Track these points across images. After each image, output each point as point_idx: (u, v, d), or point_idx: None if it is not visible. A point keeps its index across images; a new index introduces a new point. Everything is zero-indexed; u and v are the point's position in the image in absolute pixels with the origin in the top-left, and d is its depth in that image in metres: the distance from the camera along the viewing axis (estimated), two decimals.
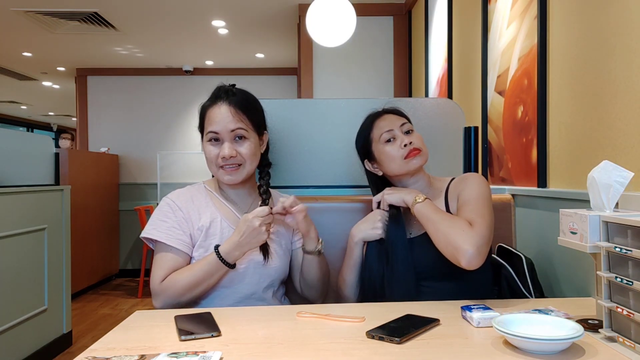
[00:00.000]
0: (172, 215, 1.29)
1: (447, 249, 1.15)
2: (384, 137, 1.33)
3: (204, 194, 1.36)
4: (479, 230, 1.14)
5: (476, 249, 1.10)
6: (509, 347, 0.87)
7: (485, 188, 1.26)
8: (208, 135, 1.28)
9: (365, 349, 0.89)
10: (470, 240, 1.11)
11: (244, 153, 1.28)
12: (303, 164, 1.69)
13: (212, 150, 1.28)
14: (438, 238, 1.17)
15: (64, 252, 3.11)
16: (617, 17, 1.24)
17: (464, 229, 1.14)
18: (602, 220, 0.94)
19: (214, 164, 1.29)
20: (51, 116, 10.71)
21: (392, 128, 1.33)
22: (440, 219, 1.19)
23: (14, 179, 2.72)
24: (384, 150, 1.33)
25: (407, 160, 1.30)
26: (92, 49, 5.28)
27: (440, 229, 1.17)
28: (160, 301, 1.22)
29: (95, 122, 6.06)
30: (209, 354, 0.84)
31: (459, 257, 1.11)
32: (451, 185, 1.34)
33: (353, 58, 3.93)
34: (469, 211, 1.20)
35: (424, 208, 1.22)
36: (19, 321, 2.63)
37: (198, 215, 1.30)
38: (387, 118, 1.36)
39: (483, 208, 1.21)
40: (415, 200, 1.24)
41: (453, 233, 1.14)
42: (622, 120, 1.22)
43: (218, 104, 1.28)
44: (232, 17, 4.29)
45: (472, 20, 2.41)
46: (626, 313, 0.86)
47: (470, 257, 1.10)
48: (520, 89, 1.84)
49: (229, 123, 1.26)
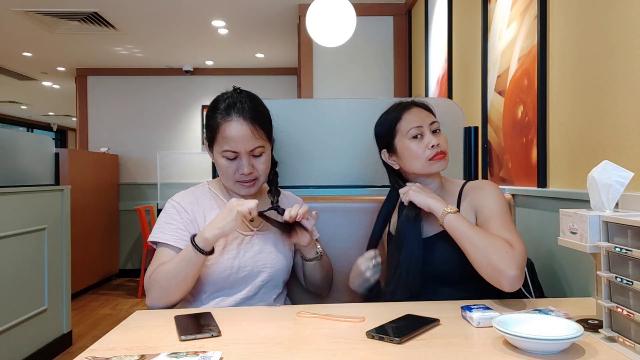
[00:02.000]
0: (177, 217, 1.28)
1: (487, 270, 1.10)
2: (412, 133, 1.27)
3: (208, 196, 1.35)
4: (520, 251, 1.10)
5: (520, 272, 1.07)
6: (509, 347, 0.87)
7: (505, 200, 1.24)
8: (224, 153, 1.24)
9: (365, 349, 0.88)
10: (514, 263, 1.07)
11: (261, 169, 1.27)
12: (303, 164, 1.69)
13: (229, 166, 1.25)
14: (476, 257, 1.12)
15: (64, 252, 3.11)
16: (617, 17, 1.24)
17: (507, 250, 1.09)
18: (602, 220, 0.94)
19: (231, 178, 1.27)
20: (51, 116, 10.71)
21: (422, 125, 1.27)
22: (477, 236, 1.13)
23: (14, 179, 2.72)
24: (409, 146, 1.28)
25: (431, 162, 1.26)
26: (92, 49, 5.28)
27: (480, 247, 1.11)
28: (150, 295, 1.19)
29: (95, 122, 6.06)
30: (209, 354, 0.84)
31: (502, 280, 1.07)
32: (464, 191, 1.30)
33: (353, 58, 3.93)
34: (500, 228, 1.16)
35: (457, 222, 1.16)
36: (19, 321, 2.63)
37: (203, 217, 1.30)
38: (416, 112, 1.30)
39: (512, 224, 1.18)
40: (447, 211, 1.17)
41: (495, 254, 1.09)
42: (622, 120, 1.22)
43: (233, 119, 1.23)
44: (232, 17, 4.29)
45: (472, 20, 2.41)
46: (626, 313, 0.86)
47: (514, 281, 1.06)
48: (520, 89, 1.84)
49: (248, 142, 1.22)
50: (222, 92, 1.31)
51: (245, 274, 1.27)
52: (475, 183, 1.31)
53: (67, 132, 12.69)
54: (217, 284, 1.26)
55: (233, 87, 1.31)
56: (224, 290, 1.27)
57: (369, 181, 1.67)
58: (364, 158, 1.66)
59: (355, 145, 1.68)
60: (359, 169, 1.68)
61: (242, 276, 1.27)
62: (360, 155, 1.67)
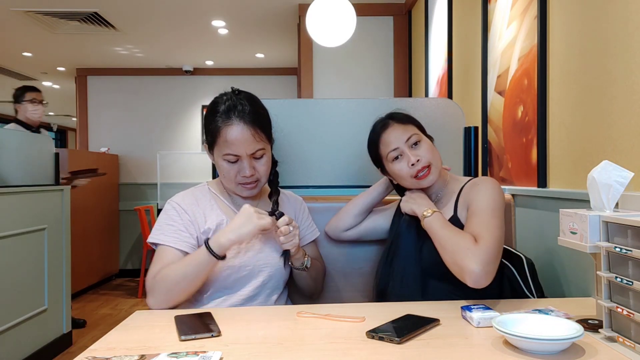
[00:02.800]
0: (178, 219, 1.28)
1: (453, 268, 1.12)
2: (391, 156, 1.29)
3: (208, 197, 1.35)
4: (485, 247, 1.10)
5: (482, 268, 1.07)
6: (509, 347, 0.87)
7: (497, 196, 1.23)
8: (226, 157, 1.24)
9: (365, 349, 0.89)
10: (476, 259, 1.07)
11: (262, 170, 1.28)
12: (303, 164, 1.69)
13: (230, 168, 1.26)
14: (445, 255, 1.15)
15: (64, 252, 3.11)
16: (617, 17, 1.24)
17: (469, 247, 1.10)
18: (602, 220, 0.94)
19: (233, 181, 1.27)
20: (51, 116, 10.71)
21: (398, 145, 1.28)
22: (446, 235, 1.16)
23: (14, 179, 2.72)
24: (392, 168, 1.31)
25: (417, 181, 1.28)
26: (92, 49, 5.28)
27: (447, 246, 1.14)
28: (153, 296, 1.19)
29: (95, 122, 6.06)
30: (209, 354, 0.84)
31: (465, 277, 1.08)
32: (464, 189, 1.31)
33: (353, 58, 3.93)
34: (476, 224, 1.17)
35: (430, 224, 1.21)
36: (19, 321, 2.63)
37: (204, 218, 1.30)
38: (392, 131, 1.31)
39: (492, 220, 1.17)
40: (424, 215, 1.22)
41: (458, 252, 1.11)
42: (622, 120, 1.22)
43: (234, 122, 1.22)
44: (232, 17, 4.29)
45: (472, 20, 2.41)
46: (626, 313, 0.86)
47: (477, 277, 1.07)
48: (520, 89, 1.84)
49: (249, 146, 1.23)
50: (221, 94, 1.30)
51: (246, 273, 1.27)
52: (474, 180, 1.33)
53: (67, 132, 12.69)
54: (219, 283, 1.26)
55: (231, 89, 1.30)
56: (225, 290, 1.27)
57: (368, 181, 1.67)
58: (364, 158, 1.65)
59: (355, 145, 1.67)
60: (359, 169, 1.68)
61: (243, 275, 1.27)
62: (360, 155, 1.66)
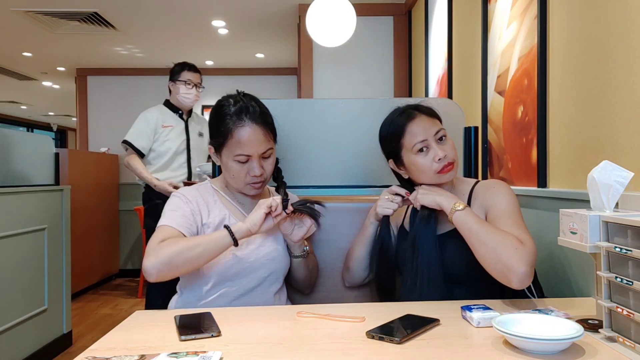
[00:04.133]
0: (183, 205, 1.30)
1: (495, 266, 1.08)
2: (417, 147, 1.25)
3: (211, 192, 1.38)
4: (531, 248, 1.09)
5: (530, 268, 1.06)
6: (509, 347, 0.87)
7: (515, 199, 1.23)
8: (237, 157, 1.27)
9: (365, 349, 0.89)
10: (525, 259, 1.05)
11: (269, 170, 1.32)
12: (303, 164, 1.69)
13: (240, 169, 1.29)
14: (485, 253, 1.10)
15: (64, 252, 3.11)
16: (617, 17, 1.24)
17: (516, 246, 1.07)
18: (602, 220, 0.94)
19: (242, 181, 1.30)
20: (51, 116, 10.72)
21: (426, 137, 1.25)
22: (486, 232, 1.11)
23: (14, 179, 2.72)
24: (415, 161, 1.26)
25: (439, 175, 1.25)
26: (92, 49, 5.28)
27: (489, 244, 1.10)
28: (155, 257, 1.15)
29: (95, 122, 6.06)
30: (209, 354, 0.84)
31: (511, 276, 1.05)
32: (475, 191, 1.29)
33: (353, 58, 3.93)
34: (510, 225, 1.15)
35: (465, 218, 1.15)
36: (19, 321, 2.62)
37: (207, 211, 1.33)
38: (420, 122, 1.27)
39: (522, 222, 1.17)
40: (455, 208, 1.17)
41: (504, 250, 1.07)
42: (622, 120, 1.22)
43: (246, 123, 1.26)
44: (232, 17, 4.29)
45: (472, 20, 2.41)
46: (626, 313, 0.86)
47: (524, 277, 1.05)
48: (520, 89, 1.84)
49: (260, 146, 1.27)
50: (225, 96, 1.33)
51: (248, 265, 1.29)
52: (486, 182, 1.31)
53: (67, 132, 12.69)
54: (220, 275, 1.28)
55: (237, 91, 1.34)
56: (226, 282, 1.28)
57: (369, 181, 1.67)
58: (364, 158, 1.66)
59: (355, 145, 1.68)
60: (358, 169, 1.68)
61: (245, 267, 1.29)
62: (360, 155, 1.67)
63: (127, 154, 3.15)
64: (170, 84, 3.22)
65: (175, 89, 3.17)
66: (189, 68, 3.19)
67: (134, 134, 3.13)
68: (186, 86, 3.14)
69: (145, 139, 3.12)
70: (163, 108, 3.23)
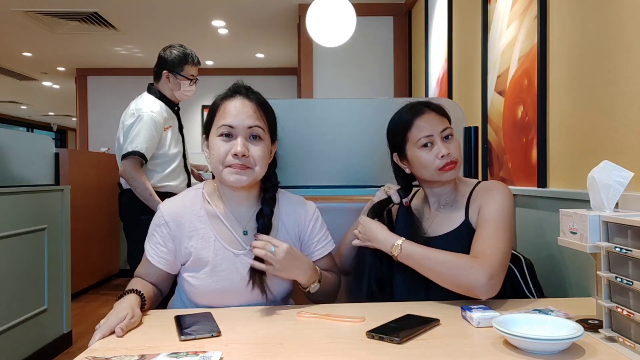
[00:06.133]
0: (159, 230, 1.21)
1: (459, 288, 1.12)
2: (422, 142, 1.26)
3: (199, 203, 1.22)
4: (490, 259, 1.11)
5: (490, 279, 1.08)
6: (509, 347, 0.87)
7: (509, 203, 1.22)
8: (220, 128, 1.15)
9: (365, 349, 0.88)
10: (483, 273, 1.08)
11: (256, 155, 1.16)
12: (303, 164, 1.69)
13: (222, 146, 1.15)
14: (444, 281, 1.13)
15: (64, 252, 3.11)
16: (617, 17, 1.24)
17: (472, 264, 1.10)
18: (602, 220, 0.94)
19: (221, 162, 1.15)
20: (51, 116, 10.72)
21: (432, 133, 1.25)
22: (436, 262, 1.14)
23: (14, 179, 2.72)
24: (419, 155, 1.27)
25: (440, 172, 1.25)
26: (92, 49, 5.29)
27: (444, 270, 1.13)
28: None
29: (95, 122, 6.07)
30: (209, 354, 0.84)
31: (476, 292, 1.09)
32: (475, 192, 1.29)
33: (353, 58, 3.94)
34: (485, 237, 1.16)
35: (410, 252, 1.17)
36: (19, 321, 2.62)
37: (188, 235, 1.19)
38: (428, 118, 1.28)
39: (500, 230, 1.17)
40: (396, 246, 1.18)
41: (460, 273, 1.11)
42: (622, 120, 1.22)
43: (236, 97, 1.18)
44: (232, 17, 4.29)
45: (472, 20, 2.41)
46: (626, 313, 0.86)
47: (488, 289, 1.08)
48: (520, 89, 1.84)
49: (247, 118, 1.15)
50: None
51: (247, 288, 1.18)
52: (486, 184, 1.31)
53: (67, 132, 12.69)
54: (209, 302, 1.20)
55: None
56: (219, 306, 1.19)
57: (369, 181, 1.67)
58: (364, 158, 1.66)
59: (355, 145, 1.67)
60: (359, 169, 1.68)
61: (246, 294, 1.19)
62: (360, 155, 1.67)
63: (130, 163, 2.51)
64: (166, 74, 2.66)
65: (176, 84, 2.68)
66: (193, 62, 2.72)
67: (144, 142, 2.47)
68: (189, 82, 2.71)
69: (153, 147, 2.54)
70: (162, 105, 2.65)
